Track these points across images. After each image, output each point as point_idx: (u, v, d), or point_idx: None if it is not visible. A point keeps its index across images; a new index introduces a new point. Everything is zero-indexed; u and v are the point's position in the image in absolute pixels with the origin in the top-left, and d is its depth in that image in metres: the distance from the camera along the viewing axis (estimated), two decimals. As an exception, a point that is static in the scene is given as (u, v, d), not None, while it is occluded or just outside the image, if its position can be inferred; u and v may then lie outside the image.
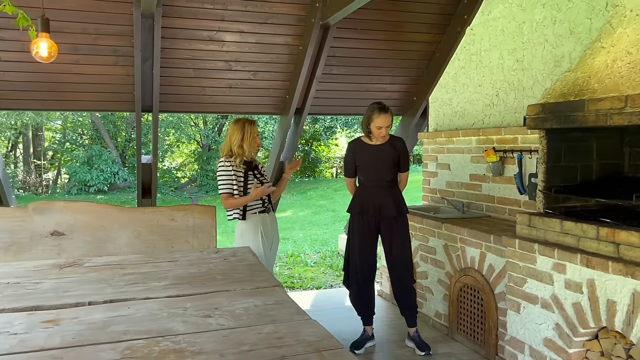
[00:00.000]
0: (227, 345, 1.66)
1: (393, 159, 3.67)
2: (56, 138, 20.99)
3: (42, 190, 19.89)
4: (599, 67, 2.73)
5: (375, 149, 3.70)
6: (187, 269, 2.72)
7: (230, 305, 2.08)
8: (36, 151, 22.02)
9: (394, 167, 3.69)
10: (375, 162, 3.69)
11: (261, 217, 3.55)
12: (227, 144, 3.51)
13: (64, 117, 18.80)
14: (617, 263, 2.39)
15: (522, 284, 3.02)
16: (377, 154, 3.69)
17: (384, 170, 3.67)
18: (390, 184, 3.69)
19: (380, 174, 3.68)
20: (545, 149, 3.04)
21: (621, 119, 2.47)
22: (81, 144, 19.28)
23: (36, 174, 21.36)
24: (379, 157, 3.68)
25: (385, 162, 3.67)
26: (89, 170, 17.24)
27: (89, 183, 17.30)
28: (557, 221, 2.80)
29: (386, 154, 3.67)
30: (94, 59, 4.48)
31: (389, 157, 3.66)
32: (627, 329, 2.38)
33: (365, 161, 3.73)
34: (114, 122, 18.27)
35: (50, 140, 21.48)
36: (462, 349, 3.76)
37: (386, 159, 3.67)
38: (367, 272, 3.76)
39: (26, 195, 18.33)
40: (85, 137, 19.52)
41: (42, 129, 21.63)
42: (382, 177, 3.68)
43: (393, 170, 3.69)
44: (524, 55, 4.13)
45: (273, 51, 4.85)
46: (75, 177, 17.28)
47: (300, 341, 1.68)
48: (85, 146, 18.93)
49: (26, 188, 20.29)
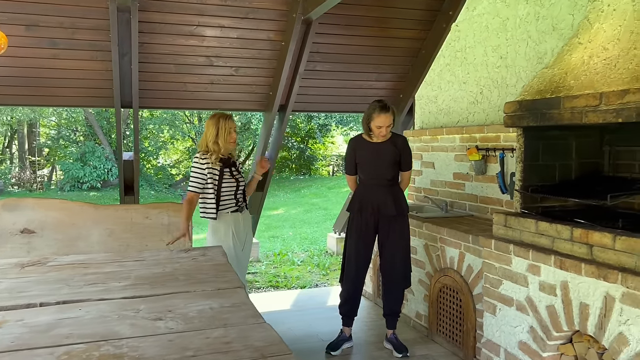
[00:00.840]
0: (170, 350, 1.59)
1: (394, 157, 3.57)
2: (51, 134, 20.89)
3: (37, 186, 19.80)
4: (576, 64, 2.66)
5: (376, 146, 3.61)
6: (151, 268, 2.65)
7: (185, 307, 2.01)
8: (31, 147, 21.93)
9: (394, 165, 3.58)
10: (375, 160, 3.60)
11: (234, 216, 3.47)
12: (204, 140, 3.43)
13: (58, 114, 18.70)
14: (590, 265, 2.32)
15: (498, 286, 2.95)
16: (378, 152, 3.60)
17: (384, 168, 3.58)
18: (390, 183, 3.60)
19: (380, 172, 3.59)
20: (522, 147, 2.97)
21: (596, 117, 2.40)
22: (75, 140, 19.18)
23: (31, 171, 21.27)
24: (380, 155, 3.59)
25: (385, 161, 3.57)
26: (82, 167, 17.15)
27: (82, 180, 17.20)
28: (533, 221, 2.73)
29: (387, 152, 3.58)
30: (72, 53, 4.40)
31: (390, 155, 3.56)
32: (600, 333, 2.31)
33: (366, 159, 3.65)
34: (107, 119, 18.17)
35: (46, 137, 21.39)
36: (440, 350, 3.69)
37: (386, 157, 3.57)
38: (362, 272, 3.68)
39: (19, 191, 18.24)
40: (79, 133, 19.42)
41: (37, 125, 21.54)
42: (382, 176, 3.59)
43: (394, 169, 3.59)
44: (508, 52, 4.06)
45: (255, 47, 4.78)
46: (69, 173, 17.19)
47: (248, 346, 1.61)
48: (78, 143, 18.83)
49: (21, 184, 20.21)
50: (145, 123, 18.57)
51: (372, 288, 4.82)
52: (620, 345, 2.21)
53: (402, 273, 3.59)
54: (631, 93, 2.22)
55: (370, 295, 4.86)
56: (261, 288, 5.83)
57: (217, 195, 3.38)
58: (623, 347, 2.20)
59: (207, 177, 3.34)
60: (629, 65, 2.33)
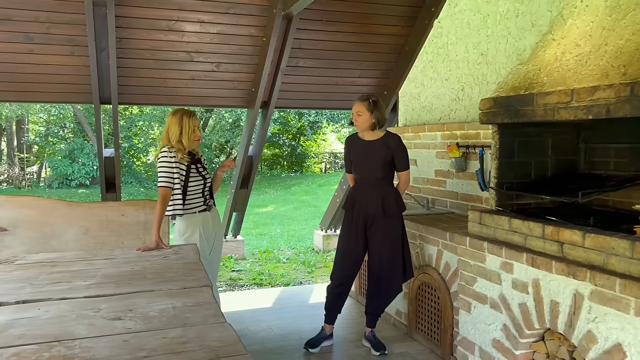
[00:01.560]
0: (123, 351, 1.55)
1: (384, 157, 3.48)
2: (41, 131, 20.72)
3: (26, 184, 19.64)
4: (549, 60, 2.64)
5: (367, 144, 3.55)
6: (120, 267, 2.61)
7: (147, 306, 1.97)
8: (20, 144, 21.74)
9: (385, 164, 3.49)
10: (366, 158, 3.54)
11: (202, 216, 3.35)
12: (165, 137, 3.30)
13: (47, 110, 18.54)
14: (560, 263, 2.31)
15: (473, 283, 2.94)
16: (369, 151, 3.53)
17: (374, 167, 3.51)
18: (380, 182, 3.52)
19: (371, 170, 3.52)
20: (497, 144, 2.95)
21: (567, 114, 2.38)
22: (63, 137, 19.03)
23: (19, 168, 21.10)
24: (370, 154, 3.52)
25: (375, 159, 3.50)
26: (71, 164, 17.02)
27: (71, 177, 17.08)
28: (506, 219, 2.71)
29: (377, 150, 3.50)
30: (49, 48, 4.34)
31: (380, 154, 3.49)
32: (569, 330, 2.30)
33: (358, 157, 3.59)
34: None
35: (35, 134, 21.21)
36: (419, 348, 3.68)
37: (376, 156, 3.50)
38: (349, 271, 3.63)
39: (6, 188, 18.09)
40: (68, 130, 19.27)
41: (26, 121, 21.36)
42: (372, 174, 3.52)
43: (384, 168, 3.50)
44: (488, 48, 4.04)
45: (236, 42, 4.73)
46: (57, 170, 17.05)
47: (203, 346, 1.58)
48: (67, 139, 18.69)
49: (10, 182, 20.04)
50: (134, 120, 18.46)
51: (355, 286, 4.80)
52: (588, 343, 2.20)
53: (388, 276, 3.52)
54: (601, 90, 2.20)
55: (353, 293, 4.83)
56: (245, 286, 5.79)
57: (184, 193, 3.29)
58: (591, 345, 2.19)
59: (175, 172, 3.23)
60: (599, 61, 2.32)
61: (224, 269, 6.44)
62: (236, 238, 7.11)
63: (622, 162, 2.85)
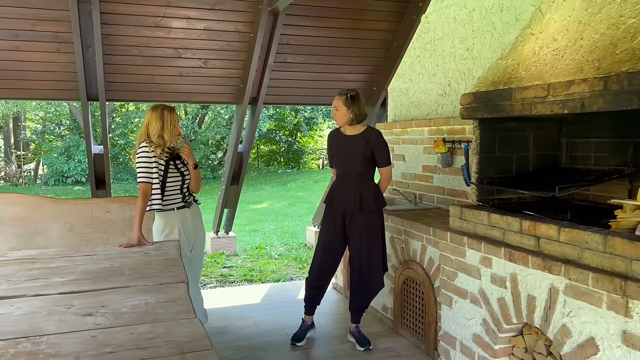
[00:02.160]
0: (89, 347, 1.56)
1: (364, 152, 3.48)
2: (37, 129, 20.68)
3: (23, 181, 19.61)
4: (527, 55, 2.63)
5: (348, 139, 3.55)
6: (99, 263, 2.61)
7: (120, 302, 1.98)
8: (17, 142, 21.69)
9: (364, 160, 3.49)
10: (346, 153, 3.55)
11: (180, 213, 3.33)
12: (144, 132, 3.28)
13: (44, 107, 18.50)
14: (536, 257, 2.31)
15: (454, 278, 2.94)
16: (349, 145, 3.53)
17: (354, 162, 3.51)
18: (359, 177, 3.52)
19: (350, 165, 3.53)
20: (478, 139, 2.95)
21: (544, 108, 2.38)
22: (60, 134, 19.00)
23: (16, 165, 21.06)
24: (350, 149, 3.53)
25: (355, 154, 3.50)
26: (67, 161, 16.99)
27: (67, 174, 17.05)
28: (486, 214, 2.72)
29: (357, 146, 3.50)
30: (35, 45, 4.34)
31: (360, 149, 3.49)
32: (545, 325, 2.31)
33: (339, 152, 3.60)
34: (92, 112, 17.98)
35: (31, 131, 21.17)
36: (404, 343, 3.69)
37: (356, 151, 3.50)
38: (326, 265, 3.65)
39: (4, 186, 18.07)
40: (64, 127, 19.23)
41: (23, 119, 21.30)
42: (352, 170, 3.53)
43: (364, 164, 3.50)
44: (474, 43, 4.03)
45: (223, 38, 4.72)
46: (53, 167, 17.03)
47: (170, 342, 1.59)
48: (63, 137, 18.66)
49: (7, 179, 20.01)
50: (130, 116, 18.42)
51: (342, 281, 4.81)
52: (563, 337, 2.21)
53: (369, 271, 3.53)
54: (576, 84, 2.20)
55: (341, 289, 4.84)
56: (235, 282, 5.80)
57: (162, 189, 3.27)
58: (566, 339, 2.19)
59: (153, 168, 3.22)
60: (575, 55, 2.32)
61: (214, 265, 6.44)
62: (228, 234, 7.12)
63: (602, 156, 2.85)
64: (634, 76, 1.95)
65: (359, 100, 3.47)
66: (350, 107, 3.41)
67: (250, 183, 16.88)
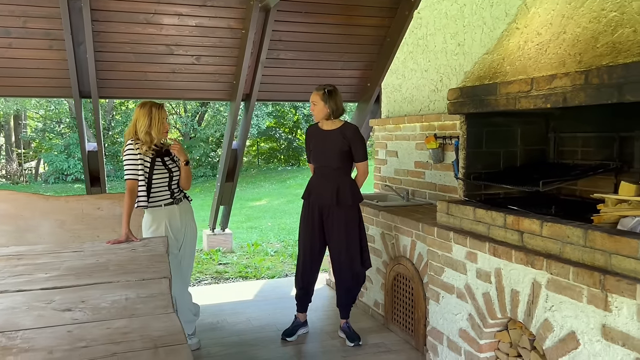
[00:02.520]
0: (63, 342, 1.56)
1: (341, 147, 3.51)
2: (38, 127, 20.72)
3: (24, 179, 19.67)
4: (512, 49, 2.63)
5: (325, 134, 3.57)
6: (86, 259, 2.62)
7: (101, 298, 1.98)
8: (17, 140, 21.74)
9: (341, 154, 3.52)
10: (323, 148, 3.57)
11: (168, 209, 3.33)
12: (132, 129, 3.27)
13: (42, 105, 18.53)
14: (519, 252, 2.31)
15: (441, 273, 2.94)
16: (326, 140, 3.56)
17: (331, 157, 3.54)
18: (336, 172, 3.54)
19: (327, 160, 3.56)
20: (465, 134, 2.95)
21: (527, 103, 2.38)
22: (60, 132, 19.03)
23: (17, 163, 21.11)
24: (327, 144, 3.55)
25: (332, 149, 3.53)
26: (67, 159, 17.03)
27: (67, 172, 17.09)
28: (471, 209, 2.71)
29: (334, 141, 3.53)
30: (27, 42, 4.33)
31: (336, 144, 3.52)
32: (528, 319, 2.31)
33: (316, 147, 3.63)
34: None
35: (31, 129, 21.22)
36: (394, 339, 3.69)
37: (333, 146, 3.53)
38: (310, 259, 3.66)
39: (4, 184, 18.11)
40: (64, 125, 19.26)
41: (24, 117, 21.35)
42: (329, 164, 3.56)
43: (341, 159, 3.53)
44: (465, 38, 4.02)
45: (215, 35, 4.72)
46: (53, 165, 17.07)
47: (144, 337, 1.59)
48: (63, 135, 18.68)
49: (8, 177, 20.08)
50: (130, 114, 18.42)
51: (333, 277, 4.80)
52: (545, 332, 2.21)
53: (348, 266, 3.55)
54: (558, 78, 2.20)
55: (334, 285, 4.84)
56: (230, 279, 5.81)
57: (148, 186, 3.27)
58: (548, 334, 2.19)
59: (139, 165, 3.22)
60: (557, 49, 2.31)
61: (210, 262, 6.46)
62: (224, 231, 7.12)
63: (589, 151, 2.85)
64: (614, 70, 1.94)
65: (337, 95, 3.49)
66: (327, 102, 3.43)
67: (249, 180, 16.89)
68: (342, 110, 3.53)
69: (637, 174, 2.51)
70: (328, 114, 3.47)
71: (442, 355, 2.96)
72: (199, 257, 6.77)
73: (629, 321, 1.82)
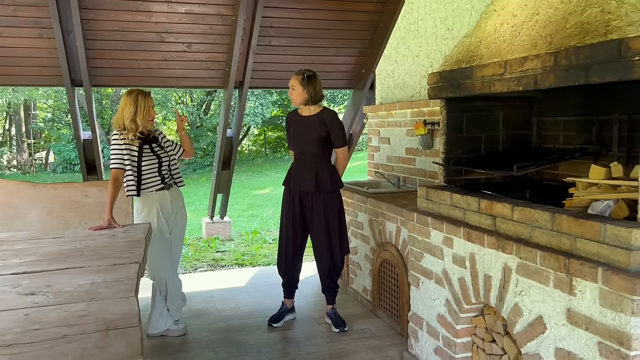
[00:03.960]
0: (18, 324, 1.58)
1: (319, 133, 3.51)
2: (47, 117, 20.90)
3: (34, 169, 19.89)
4: (489, 32, 2.59)
5: (304, 120, 3.57)
6: (64, 245, 2.64)
7: (67, 282, 2.00)
8: (28, 130, 21.96)
9: (320, 140, 3.52)
10: (302, 134, 3.58)
11: (159, 195, 3.37)
12: (120, 117, 3.31)
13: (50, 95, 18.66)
14: (491, 236, 2.29)
15: (421, 259, 2.93)
16: (304, 126, 3.56)
17: (309, 143, 3.53)
18: (315, 158, 3.54)
19: (306, 146, 3.55)
20: (445, 119, 2.91)
21: (501, 86, 2.34)
22: (68, 122, 19.17)
23: (28, 153, 21.35)
24: (305, 129, 3.55)
25: (310, 135, 3.52)
26: (74, 149, 17.14)
27: (74, 161, 17.24)
28: (448, 194, 2.69)
29: (312, 126, 3.53)
30: (16, 31, 4.35)
31: (315, 130, 3.52)
32: (500, 304, 2.29)
33: (295, 133, 3.63)
34: (99, 101, 18.12)
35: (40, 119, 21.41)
36: (380, 325, 3.69)
37: (311, 132, 3.52)
38: (292, 246, 3.67)
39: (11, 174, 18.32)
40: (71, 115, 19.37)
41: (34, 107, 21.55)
42: (307, 150, 3.56)
43: (320, 145, 3.52)
44: (454, 23, 3.97)
45: (205, 22, 4.70)
46: (60, 155, 17.22)
47: (98, 320, 1.61)
48: (71, 124, 18.81)
49: (19, 167, 20.33)
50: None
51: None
52: (515, 317, 2.19)
53: (329, 252, 3.55)
54: (529, 60, 2.16)
55: (327, 272, 4.85)
56: (226, 266, 5.84)
57: (138, 173, 3.31)
58: (518, 318, 2.18)
59: (125, 154, 3.26)
60: (530, 31, 2.27)
61: (207, 250, 6.49)
62: (223, 219, 7.16)
63: (570, 135, 2.81)
64: (581, 50, 1.90)
65: (316, 80, 3.47)
66: (306, 87, 3.42)
67: (256, 169, 16.93)
68: (320, 96, 3.52)
69: (616, 158, 2.48)
70: (306, 100, 3.45)
71: (422, 340, 2.96)
72: (197, 245, 6.81)
73: (592, 305, 1.80)
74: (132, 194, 3.29)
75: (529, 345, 2.12)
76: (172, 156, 3.49)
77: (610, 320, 1.73)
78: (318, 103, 3.54)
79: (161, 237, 3.38)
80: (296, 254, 3.67)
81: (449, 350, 2.69)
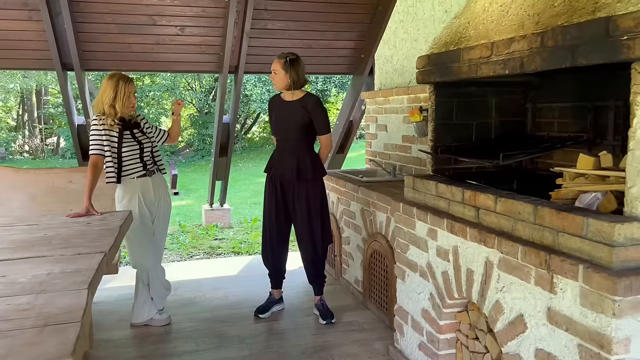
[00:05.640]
0: (-45, 317, 1.50)
1: (301, 119, 3.38)
2: (57, 102, 20.96)
3: (45, 155, 20.01)
4: (478, 12, 2.44)
5: (286, 105, 3.46)
6: (34, 233, 2.56)
7: (24, 272, 1.92)
8: (39, 115, 22.08)
9: (302, 127, 3.40)
10: (284, 120, 3.46)
11: (141, 181, 3.28)
12: (99, 101, 3.22)
13: (60, 81, 18.67)
14: (474, 229, 2.16)
15: (406, 250, 2.81)
16: (286, 112, 3.44)
17: (291, 129, 3.42)
18: (297, 145, 3.43)
19: (288, 132, 3.45)
20: (433, 105, 2.78)
21: (488, 69, 2.20)
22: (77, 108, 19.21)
23: (39, 139, 21.49)
24: (288, 115, 3.43)
25: (292, 121, 3.41)
26: (83, 134, 17.21)
27: (83, 147, 17.29)
28: (434, 184, 2.57)
29: (294, 112, 3.40)
30: (5, 13, 4.28)
31: (296, 116, 3.39)
32: (481, 300, 2.17)
33: (277, 118, 3.52)
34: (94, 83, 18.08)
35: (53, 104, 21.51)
36: (370, 317, 3.59)
37: (293, 118, 3.40)
38: (276, 235, 3.58)
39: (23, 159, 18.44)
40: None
41: (45, 93, 21.64)
42: (289, 137, 3.45)
43: (302, 131, 3.41)
44: (452, 4, 3.80)
45: (198, 4, 4.58)
46: (69, 141, 17.25)
47: (41, 313, 1.52)
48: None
49: (30, 152, 20.48)
50: (145, 90, 18.46)
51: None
52: (496, 314, 2.07)
53: (311, 241, 3.46)
54: (516, 41, 2.02)
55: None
56: (223, 254, 5.77)
57: (119, 159, 3.22)
58: (499, 316, 2.06)
59: (104, 140, 3.17)
60: (518, 10, 2.12)
61: (205, 237, 6.43)
62: (222, 207, 7.08)
63: (565, 122, 2.66)
64: (567, 30, 1.76)
65: (298, 65, 3.34)
66: (288, 72, 3.29)
67: (264, 157, 16.81)
68: (303, 81, 3.39)
69: (611, 146, 2.33)
70: (289, 85, 3.33)
71: (407, 335, 2.85)
72: (195, 232, 6.75)
73: (572, 305, 1.68)
74: (111, 182, 3.20)
75: (510, 344, 2.00)
76: (154, 142, 3.40)
77: (591, 321, 1.61)
78: (301, 88, 3.41)
79: (143, 225, 3.30)
80: (280, 244, 3.57)
81: (432, 347, 2.58)
